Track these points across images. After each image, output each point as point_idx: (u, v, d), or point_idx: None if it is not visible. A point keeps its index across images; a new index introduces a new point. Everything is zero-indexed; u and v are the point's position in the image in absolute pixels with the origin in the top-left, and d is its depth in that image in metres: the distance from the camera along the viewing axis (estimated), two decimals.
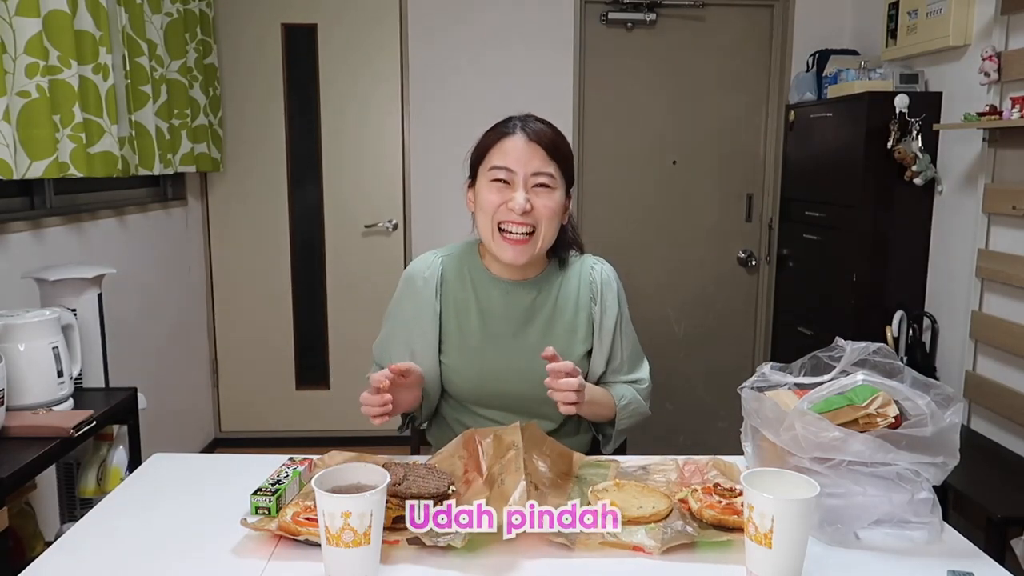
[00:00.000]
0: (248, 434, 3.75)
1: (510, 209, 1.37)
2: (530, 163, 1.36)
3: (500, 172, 1.37)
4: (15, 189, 2.35)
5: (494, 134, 1.41)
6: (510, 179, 1.37)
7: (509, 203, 1.37)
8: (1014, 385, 2.41)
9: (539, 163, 1.37)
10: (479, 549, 1.06)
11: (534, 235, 1.39)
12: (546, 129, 1.41)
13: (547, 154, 1.38)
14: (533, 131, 1.38)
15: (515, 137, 1.38)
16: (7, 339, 1.69)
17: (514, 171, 1.36)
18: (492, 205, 1.38)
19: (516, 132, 1.38)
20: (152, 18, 2.71)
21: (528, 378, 1.45)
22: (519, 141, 1.37)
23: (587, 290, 1.52)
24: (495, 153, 1.39)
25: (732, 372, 3.72)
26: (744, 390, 1.25)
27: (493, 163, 1.38)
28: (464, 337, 1.48)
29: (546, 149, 1.38)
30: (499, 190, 1.37)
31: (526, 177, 1.36)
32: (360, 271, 3.67)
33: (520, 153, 1.37)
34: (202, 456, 1.46)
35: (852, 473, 1.10)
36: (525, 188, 1.36)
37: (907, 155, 2.72)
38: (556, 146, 1.39)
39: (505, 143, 1.38)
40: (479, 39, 3.54)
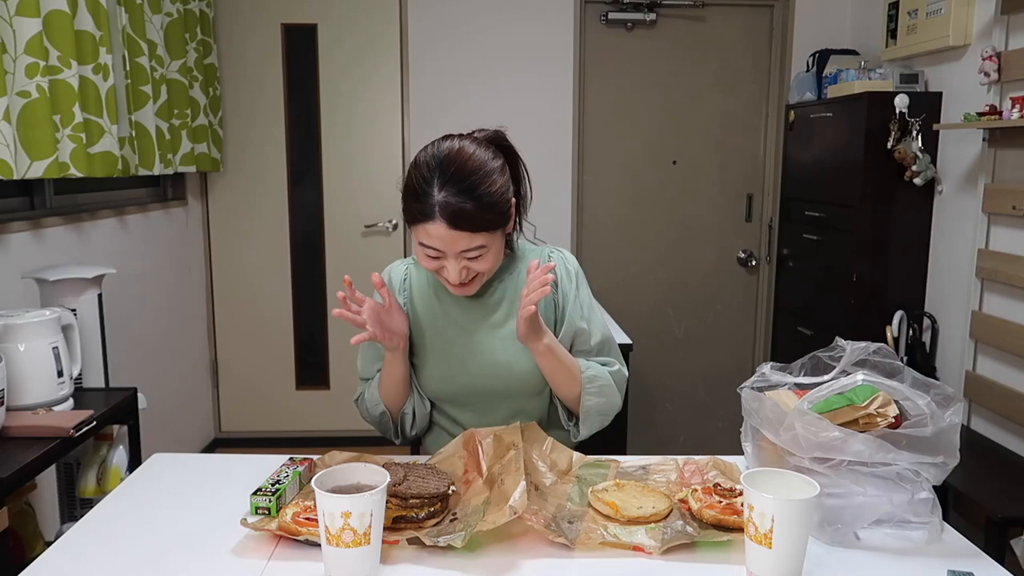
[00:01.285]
0: (248, 434, 3.76)
1: (444, 278, 1.38)
2: (456, 245, 1.31)
3: (431, 250, 1.33)
4: (15, 189, 2.35)
5: (415, 207, 1.30)
6: (440, 255, 1.34)
7: (444, 273, 1.36)
8: (1014, 385, 2.41)
9: (465, 242, 1.30)
10: (479, 549, 1.06)
11: (476, 278, 1.40)
12: (465, 205, 1.27)
13: (472, 232, 1.30)
14: (453, 215, 1.27)
15: (436, 224, 1.28)
16: (7, 339, 1.69)
17: (442, 251, 1.33)
18: (429, 268, 1.38)
19: (436, 218, 1.28)
20: (152, 18, 2.71)
21: (496, 370, 1.46)
22: (440, 229, 1.28)
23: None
24: (420, 231, 1.32)
25: (732, 372, 3.73)
26: (744, 390, 1.25)
27: (420, 239, 1.33)
28: (431, 336, 1.49)
29: (469, 229, 1.29)
30: (433, 258, 1.35)
31: (456, 255, 1.33)
32: (360, 271, 3.64)
33: (444, 239, 1.30)
34: (202, 456, 1.46)
35: (852, 473, 1.10)
36: (457, 261, 1.34)
37: (907, 155, 2.72)
38: (480, 221, 1.30)
39: (428, 228, 1.30)
40: (479, 39, 3.54)
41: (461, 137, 1.38)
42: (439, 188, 1.28)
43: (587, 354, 1.51)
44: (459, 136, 1.38)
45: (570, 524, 1.11)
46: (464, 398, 1.49)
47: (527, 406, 1.50)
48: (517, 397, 1.49)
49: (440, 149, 1.34)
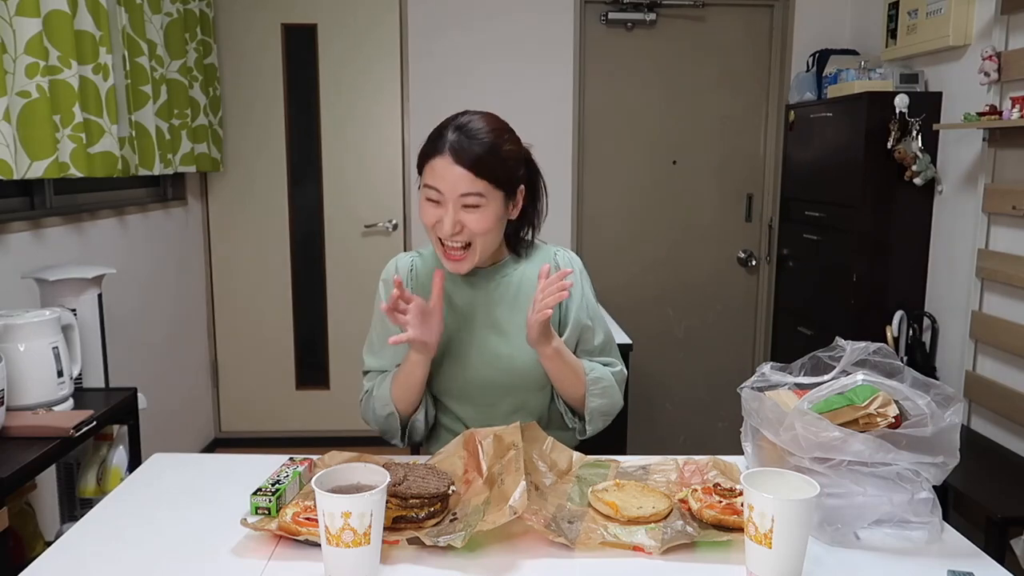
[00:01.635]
0: (248, 434, 3.76)
1: (443, 247, 1.41)
2: (457, 185, 1.35)
3: (431, 192, 1.38)
4: (15, 189, 2.35)
5: (429, 147, 1.40)
6: (440, 199, 1.37)
7: (440, 223, 1.39)
8: (1014, 385, 2.41)
9: (466, 184, 1.34)
10: (479, 549, 1.06)
11: (470, 248, 1.41)
12: (474, 146, 1.35)
13: (474, 174, 1.34)
14: (460, 150, 1.34)
15: (443, 158, 1.35)
16: (7, 339, 1.69)
17: (443, 192, 1.36)
18: (428, 222, 1.41)
19: (444, 152, 1.35)
20: (152, 18, 2.71)
21: (499, 364, 1.47)
22: (446, 163, 1.35)
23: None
24: (428, 173, 1.39)
25: (732, 372, 3.73)
26: (744, 390, 1.25)
27: (425, 180, 1.39)
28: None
29: (472, 169, 1.34)
30: (433, 208, 1.39)
31: (455, 199, 1.36)
32: (360, 271, 3.67)
33: (446, 175, 1.35)
34: (202, 456, 1.46)
35: (852, 473, 1.10)
36: (455, 209, 1.36)
37: (907, 155, 2.72)
38: (484, 164, 1.35)
39: (435, 163, 1.37)
40: (479, 39, 3.55)
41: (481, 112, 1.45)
42: (452, 131, 1.37)
43: (590, 354, 1.52)
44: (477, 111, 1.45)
45: (570, 524, 1.11)
46: (465, 392, 1.50)
47: (529, 401, 1.50)
48: (518, 392, 1.49)
49: (463, 113, 1.44)
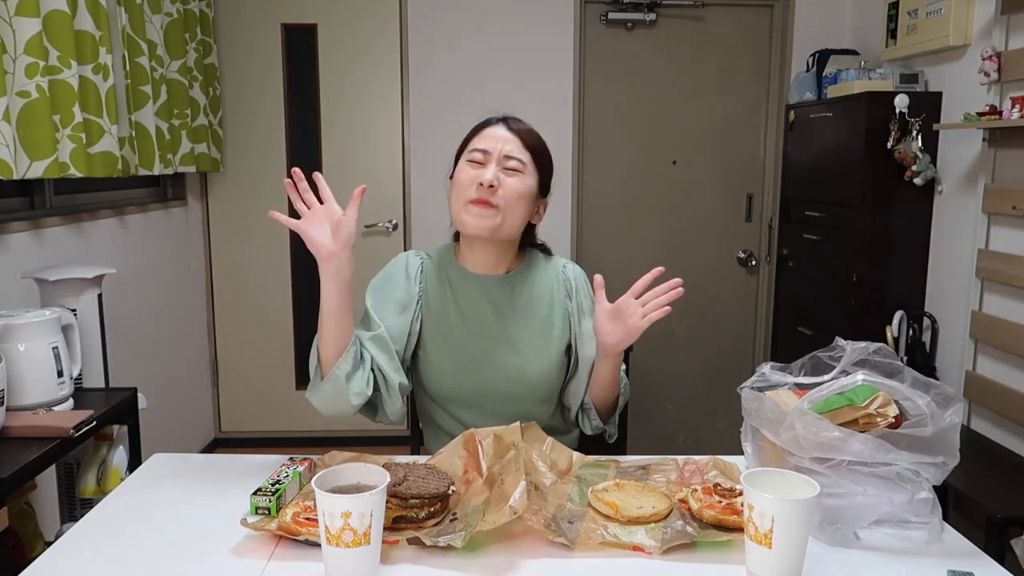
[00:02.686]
0: (248, 434, 3.76)
1: (480, 184, 1.41)
2: (505, 145, 1.44)
3: (477, 154, 1.44)
4: (15, 189, 2.35)
5: (478, 125, 1.51)
6: (484, 159, 1.43)
7: (479, 178, 1.41)
8: (1014, 385, 2.41)
9: (512, 147, 1.44)
10: (479, 549, 1.06)
11: (499, 210, 1.41)
12: (527, 127, 1.49)
13: (523, 143, 1.45)
14: (512, 122, 1.48)
15: (496, 126, 1.48)
16: (7, 339, 1.69)
17: (489, 151, 1.43)
18: (465, 181, 1.43)
19: (497, 123, 1.48)
20: (152, 18, 2.71)
21: (508, 373, 1.47)
22: (499, 129, 1.47)
23: (561, 287, 1.55)
24: (475, 139, 1.47)
25: (732, 372, 3.73)
26: (744, 390, 1.25)
27: (472, 146, 1.46)
28: (443, 332, 1.49)
29: (520, 137, 1.46)
30: (473, 168, 1.44)
31: (499, 156, 1.43)
32: (360, 271, 3.65)
33: (498, 137, 1.45)
34: (202, 456, 1.46)
35: (852, 473, 1.10)
36: (498, 165, 1.43)
37: (907, 155, 2.72)
38: (534, 140, 1.48)
39: (486, 130, 1.48)
40: (479, 39, 3.54)
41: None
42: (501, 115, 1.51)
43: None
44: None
45: (570, 524, 1.11)
46: (471, 398, 1.50)
47: (533, 411, 1.50)
48: (524, 401, 1.50)
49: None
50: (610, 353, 1.42)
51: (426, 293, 1.52)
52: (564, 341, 1.52)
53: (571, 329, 1.53)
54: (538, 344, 1.49)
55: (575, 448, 1.47)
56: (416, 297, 1.51)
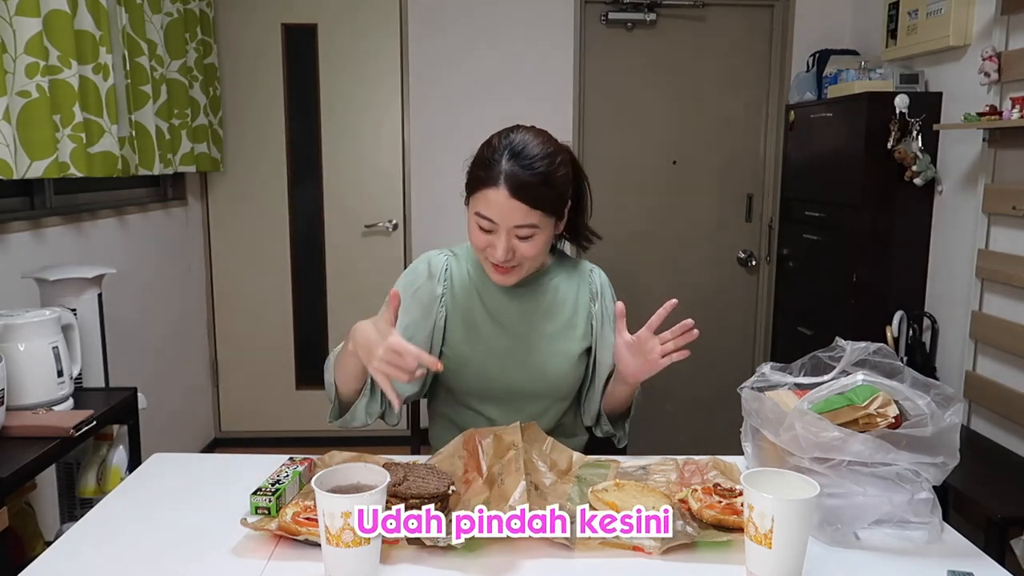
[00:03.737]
0: (248, 434, 3.75)
1: (491, 254, 1.39)
2: (511, 217, 1.34)
3: (484, 222, 1.36)
4: (15, 189, 2.35)
5: (482, 173, 1.36)
6: (492, 229, 1.36)
7: (490, 248, 1.38)
8: (1014, 385, 2.41)
9: (520, 216, 1.34)
10: (479, 549, 1.06)
11: (519, 267, 1.41)
12: (530, 177, 1.33)
13: (528, 206, 1.33)
14: (516, 184, 1.32)
15: (498, 191, 1.33)
16: (7, 339, 1.69)
17: (496, 223, 1.35)
18: (479, 245, 1.40)
19: (500, 185, 1.32)
20: (152, 18, 2.71)
21: (530, 370, 1.49)
22: (501, 196, 1.32)
23: (586, 290, 1.56)
24: (479, 199, 1.36)
25: (732, 372, 3.72)
26: (744, 390, 1.25)
27: (478, 208, 1.36)
28: (469, 329, 1.50)
29: (528, 202, 1.33)
30: (484, 235, 1.38)
31: (508, 229, 1.35)
32: (360, 271, 3.67)
33: (502, 208, 1.33)
34: (202, 456, 1.46)
35: (852, 473, 1.10)
36: (508, 237, 1.36)
37: (907, 155, 2.72)
38: (539, 196, 1.34)
39: (488, 194, 1.34)
40: (479, 39, 3.54)
41: (530, 128, 1.43)
42: (507, 159, 1.34)
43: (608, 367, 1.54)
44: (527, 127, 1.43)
45: (570, 524, 1.11)
46: (493, 394, 1.51)
47: (551, 408, 1.53)
48: (544, 399, 1.52)
49: (513, 131, 1.41)
50: (630, 382, 1.42)
51: (451, 291, 1.51)
52: (585, 343, 1.54)
53: (593, 333, 1.54)
54: (559, 344, 1.51)
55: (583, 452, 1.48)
56: (439, 296, 1.50)
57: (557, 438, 1.40)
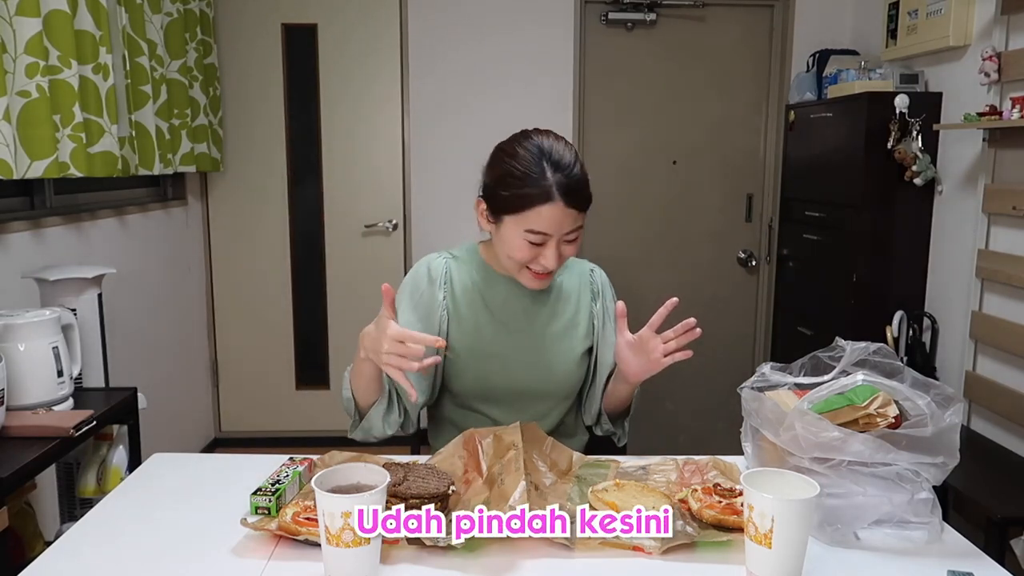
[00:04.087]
0: (248, 434, 3.75)
1: (540, 264, 1.38)
2: (564, 224, 1.34)
3: (535, 236, 1.34)
4: (15, 189, 2.35)
5: (533, 191, 1.32)
6: (543, 241, 1.35)
7: (540, 259, 1.37)
8: (1014, 385, 2.41)
9: (571, 222, 1.35)
10: (479, 549, 1.06)
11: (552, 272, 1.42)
12: (578, 186, 1.34)
13: (578, 211, 1.35)
14: (570, 194, 1.32)
15: (554, 205, 1.32)
16: (7, 339, 1.69)
17: (550, 235, 1.34)
18: (523, 258, 1.38)
19: (556, 198, 1.31)
20: (152, 18, 2.71)
21: (533, 371, 1.49)
22: (557, 209, 1.32)
23: (587, 289, 1.57)
24: (532, 216, 1.33)
25: (732, 372, 3.72)
26: (744, 390, 1.25)
27: (530, 226, 1.34)
28: (472, 332, 1.49)
29: (579, 207, 1.35)
30: (532, 248, 1.36)
31: (559, 237, 1.35)
32: (360, 271, 3.67)
33: (558, 219, 1.33)
34: (202, 456, 1.46)
35: (852, 473, 1.10)
36: (558, 245, 1.36)
37: (907, 155, 2.72)
38: (586, 199, 1.36)
39: (544, 210, 1.32)
40: (479, 39, 3.54)
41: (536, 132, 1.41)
42: (552, 171, 1.32)
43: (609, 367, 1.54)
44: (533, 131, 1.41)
45: (570, 524, 1.11)
46: (496, 395, 1.51)
47: (555, 409, 1.54)
48: (547, 399, 1.52)
49: (537, 139, 1.38)
50: (631, 382, 1.42)
51: (452, 295, 1.50)
52: (587, 343, 1.54)
53: (594, 332, 1.54)
54: (563, 343, 1.51)
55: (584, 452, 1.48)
56: (440, 301, 1.49)
57: (558, 438, 1.40)
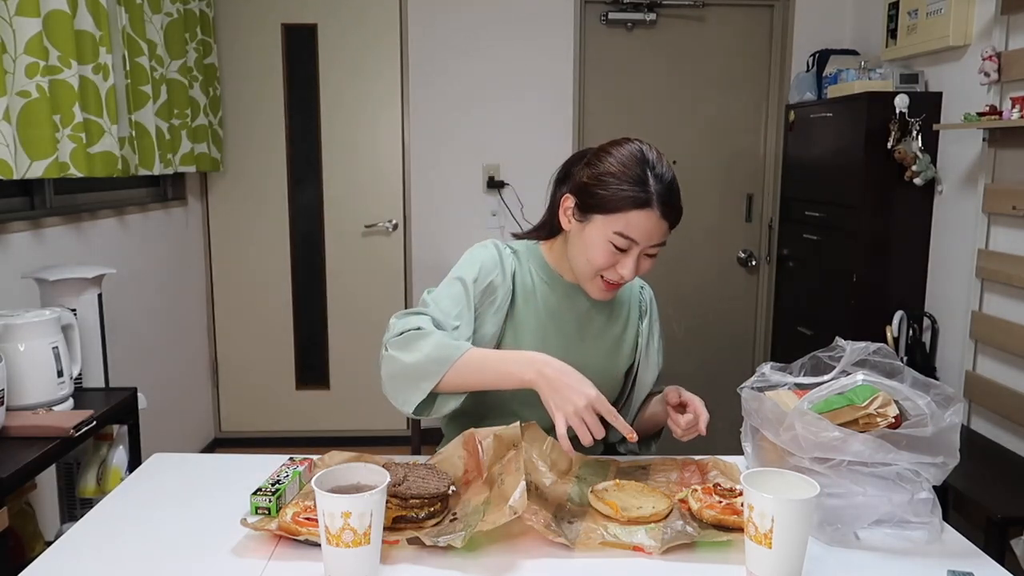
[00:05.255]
0: (248, 434, 3.76)
1: (616, 272, 1.36)
2: (653, 235, 1.32)
3: (622, 241, 1.32)
4: (15, 189, 2.35)
5: (632, 193, 1.30)
6: (629, 247, 1.33)
7: (618, 267, 1.35)
8: (1014, 385, 2.41)
9: (659, 235, 1.33)
10: (479, 549, 1.06)
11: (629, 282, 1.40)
12: (676, 201, 1.33)
13: (670, 227, 1.33)
14: (668, 206, 1.31)
15: (650, 212, 1.29)
16: (7, 339, 1.69)
17: (637, 242, 1.32)
18: (603, 263, 1.35)
19: (653, 206, 1.29)
20: (152, 18, 2.71)
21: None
22: (652, 218, 1.30)
23: (636, 307, 1.54)
24: (623, 219, 1.30)
25: (732, 372, 3.72)
26: (744, 390, 1.25)
27: (618, 228, 1.31)
28: (522, 330, 1.46)
29: (672, 222, 1.33)
30: (613, 253, 1.34)
31: (644, 248, 1.33)
32: (360, 271, 3.67)
33: (650, 229, 1.31)
34: (202, 456, 1.46)
35: (852, 473, 1.10)
36: (639, 257, 1.34)
37: (907, 155, 2.72)
38: (679, 217, 1.34)
39: (639, 215, 1.30)
40: (479, 39, 3.54)
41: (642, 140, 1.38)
42: (655, 181, 1.31)
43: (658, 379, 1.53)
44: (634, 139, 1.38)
45: (570, 524, 1.11)
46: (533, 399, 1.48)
47: None
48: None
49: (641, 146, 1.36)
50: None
51: (517, 288, 1.46)
52: (629, 361, 1.52)
53: (637, 350, 1.52)
54: (609, 358, 1.49)
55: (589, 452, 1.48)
56: (509, 293, 1.44)
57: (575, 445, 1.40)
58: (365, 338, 3.68)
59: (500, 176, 3.57)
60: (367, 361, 3.72)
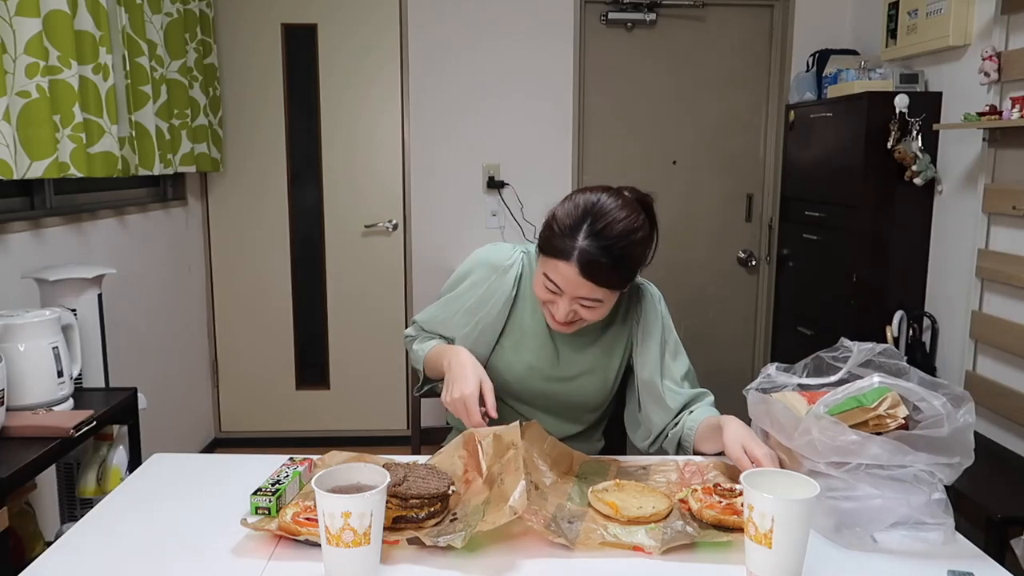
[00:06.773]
0: (248, 434, 3.75)
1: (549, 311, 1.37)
2: (578, 290, 1.31)
3: (550, 283, 1.33)
4: (15, 189, 2.35)
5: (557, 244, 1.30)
6: (558, 291, 1.33)
7: (551, 307, 1.36)
8: (1014, 385, 2.41)
9: (586, 291, 1.31)
10: (479, 549, 1.06)
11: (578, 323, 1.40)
12: (604, 261, 1.28)
13: (595, 285, 1.30)
14: (589, 265, 1.28)
15: (569, 266, 1.28)
16: (7, 339, 1.69)
17: (561, 289, 1.32)
18: (541, 297, 1.38)
19: (572, 261, 1.28)
20: (152, 18, 2.71)
21: (567, 382, 1.51)
22: (571, 272, 1.29)
23: (635, 310, 1.54)
24: (550, 264, 1.32)
25: (732, 372, 3.72)
26: (750, 392, 1.25)
27: (546, 270, 1.34)
28: (525, 331, 1.51)
29: (597, 282, 1.30)
30: (549, 292, 1.35)
31: (572, 298, 1.33)
32: (360, 271, 3.67)
33: (569, 282, 1.30)
34: (202, 456, 1.46)
35: (869, 476, 1.09)
36: (570, 303, 1.33)
37: (907, 155, 2.72)
38: (609, 279, 1.31)
39: (559, 265, 1.30)
40: (479, 39, 3.54)
41: (618, 194, 1.37)
42: (584, 236, 1.28)
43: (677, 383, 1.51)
44: (616, 192, 1.38)
45: (570, 524, 1.11)
46: (528, 397, 1.53)
47: (582, 418, 1.56)
48: (577, 408, 1.54)
49: (598, 199, 1.34)
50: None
51: (522, 291, 1.52)
52: (622, 361, 1.54)
53: (630, 352, 1.52)
54: (601, 362, 1.52)
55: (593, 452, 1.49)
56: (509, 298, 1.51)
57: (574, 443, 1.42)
58: (365, 338, 3.68)
59: (500, 176, 3.57)
60: (367, 361, 3.72)
